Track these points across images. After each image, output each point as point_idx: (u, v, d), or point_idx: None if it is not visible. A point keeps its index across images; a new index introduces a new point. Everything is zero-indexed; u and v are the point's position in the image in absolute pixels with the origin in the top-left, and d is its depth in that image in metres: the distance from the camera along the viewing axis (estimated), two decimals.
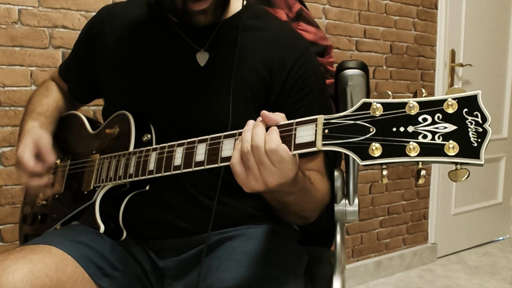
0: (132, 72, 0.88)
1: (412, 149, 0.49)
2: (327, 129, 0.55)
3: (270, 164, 0.59)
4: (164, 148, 0.74)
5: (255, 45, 0.85)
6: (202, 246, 0.85)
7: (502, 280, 2.37)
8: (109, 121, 0.90)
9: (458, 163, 0.48)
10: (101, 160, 0.86)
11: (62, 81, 1.04)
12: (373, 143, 0.51)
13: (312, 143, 0.56)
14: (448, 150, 0.47)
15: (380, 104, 0.52)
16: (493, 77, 2.77)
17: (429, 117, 0.49)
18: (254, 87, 0.83)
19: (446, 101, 0.49)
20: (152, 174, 0.74)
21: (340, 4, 2.13)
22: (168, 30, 0.87)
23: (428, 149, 0.48)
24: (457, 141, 0.47)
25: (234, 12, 0.88)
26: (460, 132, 0.48)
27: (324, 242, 1.10)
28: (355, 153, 0.52)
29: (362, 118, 0.53)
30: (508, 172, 2.93)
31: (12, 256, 0.69)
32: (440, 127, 0.48)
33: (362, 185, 2.31)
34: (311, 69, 0.87)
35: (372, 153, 0.51)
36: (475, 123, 0.47)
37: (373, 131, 0.52)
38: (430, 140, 0.48)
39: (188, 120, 0.83)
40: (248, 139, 0.60)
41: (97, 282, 0.76)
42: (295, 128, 0.59)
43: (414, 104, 0.50)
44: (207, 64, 0.85)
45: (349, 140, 0.53)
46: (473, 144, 0.47)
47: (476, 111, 0.48)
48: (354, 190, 1.04)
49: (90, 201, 0.85)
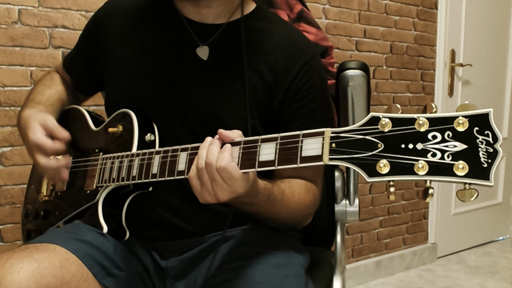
0: (135, 66, 0.87)
1: (420, 167, 0.48)
2: (335, 143, 0.55)
3: (221, 180, 0.63)
4: (168, 152, 0.73)
5: (261, 48, 0.85)
6: (204, 245, 0.85)
7: (502, 280, 2.37)
8: (112, 119, 0.89)
9: (467, 183, 0.47)
10: (104, 159, 0.86)
11: (66, 73, 1.03)
12: (381, 160, 0.50)
13: (319, 157, 0.56)
14: (457, 170, 0.47)
15: (389, 119, 0.51)
16: (493, 77, 2.77)
17: (439, 135, 0.48)
18: (259, 90, 0.83)
19: (457, 119, 0.48)
20: (156, 177, 0.74)
21: (340, 4, 2.13)
22: (175, 24, 0.87)
23: (437, 168, 0.47)
24: (467, 161, 0.46)
25: (244, 14, 0.87)
26: (470, 151, 0.47)
27: (324, 242, 1.10)
28: (362, 169, 0.51)
29: (371, 133, 0.52)
30: (508, 172, 2.94)
31: (17, 255, 0.70)
32: (450, 145, 0.48)
33: (362, 185, 2.31)
34: (317, 76, 0.86)
35: (380, 170, 0.50)
36: (486, 143, 0.46)
37: (381, 147, 0.51)
38: (439, 159, 0.48)
39: (188, 115, 0.83)
40: (203, 156, 0.65)
41: (101, 281, 0.76)
42: (302, 140, 0.58)
43: (424, 120, 0.49)
44: (210, 59, 0.84)
45: (356, 156, 0.52)
46: (483, 165, 0.46)
47: (487, 130, 0.47)
48: (354, 191, 1.04)
49: (93, 201, 0.85)
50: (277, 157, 0.60)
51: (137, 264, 0.86)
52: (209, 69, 0.84)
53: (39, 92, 0.98)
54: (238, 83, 0.82)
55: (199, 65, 0.84)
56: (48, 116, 0.86)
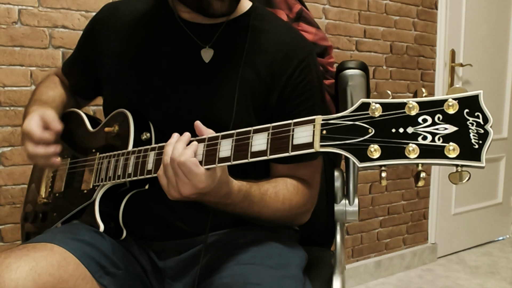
0: (134, 69, 0.88)
1: (411, 151, 0.48)
2: (325, 130, 0.54)
3: (182, 175, 0.66)
4: (162, 148, 0.74)
5: (258, 47, 0.85)
6: (202, 246, 0.85)
7: (502, 280, 2.37)
8: (108, 119, 0.90)
9: (459, 165, 0.47)
10: (101, 159, 0.86)
11: (65, 77, 1.04)
12: (371, 144, 0.50)
13: (310, 144, 0.56)
14: (448, 152, 0.46)
15: (379, 104, 0.51)
16: (493, 77, 2.77)
17: (429, 118, 0.48)
18: (256, 88, 0.83)
19: (447, 102, 0.48)
20: (151, 174, 0.74)
21: (340, 4, 2.13)
22: (173, 26, 0.87)
23: (428, 151, 0.47)
24: (457, 142, 0.46)
25: (241, 13, 0.88)
26: (461, 133, 0.46)
27: (324, 242, 1.10)
28: (353, 154, 0.51)
29: (361, 118, 0.52)
30: (508, 172, 2.93)
31: (15, 253, 0.70)
32: (440, 128, 0.47)
33: (362, 185, 2.31)
34: (313, 74, 0.86)
35: (371, 155, 0.50)
36: (476, 124, 0.46)
37: (372, 132, 0.51)
38: (430, 142, 0.47)
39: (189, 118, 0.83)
40: (169, 153, 0.68)
41: (99, 280, 0.76)
42: (293, 129, 0.58)
43: (414, 104, 0.49)
44: (212, 61, 0.84)
45: (347, 142, 0.52)
46: (474, 146, 0.46)
47: (478, 112, 0.47)
48: (354, 190, 1.04)
49: (89, 200, 0.85)
50: (269, 147, 0.60)
51: (135, 263, 0.86)
52: (209, 70, 0.84)
53: (44, 93, 0.98)
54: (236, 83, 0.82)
55: (200, 67, 0.84)
56: (49, 109, 0.87)
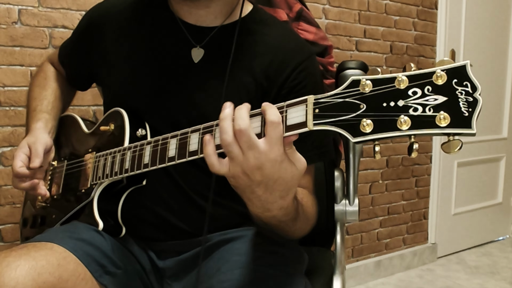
0: (129, 67, 0.88)
1: (403, 122, 0.48)
2: (318, 109, 0.55)
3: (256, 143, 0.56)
4: (158, 140, 0.73)
5: (255, 50, 0.84)
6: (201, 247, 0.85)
7: (502, 280, 2.37)
8: (104, 119, 0.90)
9: (451, 134, 0.47)
10: (97, 157, 0.86)
11: (61, 66, 1.04)
12: (364, 119, 0.51)
13: (303, 124, 0.56)
14: (439, 122, 0.47)
15: (370, 80, 0.51)
16: (493, 77, 2.77)
17: (419, 90, 0.49)
18: (251, 92, 0.83)
19: (435, 73, 0.48)
20: (148, 167, 0.74)
21: (340, 4, 2.13)
22: (169, 25, 0.87)
23: (420, 122, 0.48)
24: (448, 112, 0.47)
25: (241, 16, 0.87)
26: (450, 102, 0.47)
27: (324, 242, 1.10)
28: (346, 130, 0.52)
29: (352, 95, 0.52)
30: (508, 172, 2.93)
31: (15, 252, 0.70)
32: (430, 99, 0.48)
33: (362, 185, 2.31)
34: (310, 78, 0.85)
35: (364, 130, 0.50)
36: (465, 93, 0.47)
37: (363, 108, 0.51)
38: (421, 113, 0.48)
39: (179, 117, 0.83)
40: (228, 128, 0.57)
41: (99, 279, 0.76)
42: (286, 110, 0.58)
43: (403, 78, 0.49)
44: (201, 62, 0.84)
45: (340, 118, 0.53)
46: (464, 114, 0.46)
47: (466, 81, 0.47)
48: (354, 190, 1.04)
49: (88, 199, 0.85)
50: (263, 130, 0.59)
51: (134, 263, 0.86)
52: (198, 71, 0.84)
53: (36, 97, 0.99)
54: (229, 85, 0.82)
55: (190, 67, 0.84)
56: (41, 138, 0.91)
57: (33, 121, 0.94)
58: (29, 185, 0.89)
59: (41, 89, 1.01)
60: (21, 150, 0.88)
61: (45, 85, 1.02)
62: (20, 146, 0.89)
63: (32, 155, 0.88)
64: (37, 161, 0.87)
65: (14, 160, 0.87)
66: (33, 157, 0.88)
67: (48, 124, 0.95)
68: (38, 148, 0.88)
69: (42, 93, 1.00)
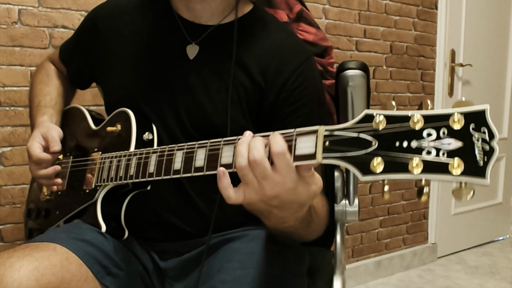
0: (131, 65, 0.88)
1: (415, 166, 0.46)
2: (328, 142, 0.53)
3: (272, 173, 0.56)
4: (164, 151, 0.73)
5: (254, 50, 0.84)
6: (203, 247, 0.85)
7: (502, 280, 2.37)
8: (111, 118, 0.90)
9: (463, 182, 0.46)
10: (103, 159, 0.86)
11: (62, 64, 1.04)
12: (375, 157, 0.49)
13: (312, 155, 0.54)
14: (452, 168, 0.45)
15: (384, 116, 0.50)
16: (493, 77, 2.77)
17: (434, 132, 0.46)
18: (249, 91, 0.83)
19: (453, 116, 0.46)
20: (152, 176, 0.74)
21: (340, 4, 2.13)
22: (167, 21, 0.87)
23: (432, 166, 0.46)
24: (462, 158, 0.45)
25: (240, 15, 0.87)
26: (466, 149, 0.45)
27: (324, 242, 1.10)
28: (356, 167, 0.50)
29: (365, 131, 0.51)
30: (508, 172, 2.93)
31: (18, 253, 0.70)
32: (445, 143, 0.46)
33: (362, 185, 2.31)
34: (310, 80, 0.85)
35: (374, 169, 0.49)
36: (482, 140, 0.45)
37: (375, 145, 0.49)
38: (435, 157, 0.46)
39: (180, 114, 0.84)
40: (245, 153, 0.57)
41: (101, 280, 0.76)
42: (295, 138, 0.56)
43: (419, 117, 0.47)
44: (196, 58, 0.84)
45: (350, 154, 0.51)
46: (479, 163, 0.44)
47: (484, 127, 0.45)
48: (354, 191, 1.04)
49: (91, 200, 0.85)
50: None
51: (136, 264, 0.87)
52: (194, 67, 0.84)
53: (39, 93, 0.99)
54: (226, 82, 0.82)
55: (186, 64, 0.85)
56: (53, 126, 0.92)
57: (38, 115, 0.95)
58: (52, 170, 0.89)
59: (44, 85, 1.01)
60: (35, 140, 0.89)
61: (48, 81, 1.02)
62: (33, 137, 0.89)
63: (49, 141, 0.89)
64: (57, 145, 0.88)
65: (30, 149, 0.87)
66: (51, 143, 0.88)
67: (53, 119, 0.95)
68: (54, 135, 0.90)
69: (44, 89, 1.00)
